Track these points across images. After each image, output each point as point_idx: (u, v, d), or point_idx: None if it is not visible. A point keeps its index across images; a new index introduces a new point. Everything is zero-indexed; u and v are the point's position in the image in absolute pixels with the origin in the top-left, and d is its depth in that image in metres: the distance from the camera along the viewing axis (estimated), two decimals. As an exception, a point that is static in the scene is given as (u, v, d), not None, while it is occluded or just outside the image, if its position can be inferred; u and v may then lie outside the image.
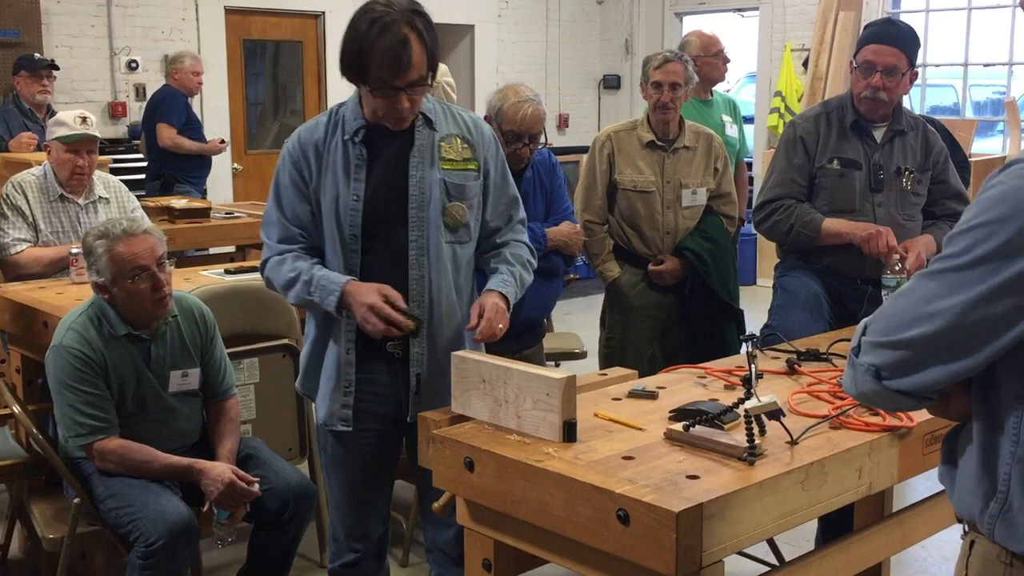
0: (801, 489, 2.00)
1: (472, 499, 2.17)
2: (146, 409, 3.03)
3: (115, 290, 2.97)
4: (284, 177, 2.59)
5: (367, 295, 2.44)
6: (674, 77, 3.95)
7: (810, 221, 3.36)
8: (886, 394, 1.54)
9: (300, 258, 2.57)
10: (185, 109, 6.84)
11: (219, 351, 3.19)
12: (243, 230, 5.56)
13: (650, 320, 4.09)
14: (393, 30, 2.39)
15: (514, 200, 2.75)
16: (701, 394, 2.46)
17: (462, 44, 9.79)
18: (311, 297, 2.52)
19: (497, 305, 2.51)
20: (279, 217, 2.60)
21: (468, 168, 2.63)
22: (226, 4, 8.24)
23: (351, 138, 2.55)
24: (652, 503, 1.79)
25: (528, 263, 2.72)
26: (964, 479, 1.57)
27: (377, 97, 2.46)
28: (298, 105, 9.00)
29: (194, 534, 2.89)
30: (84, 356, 2.93)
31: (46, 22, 7.28)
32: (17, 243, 4.09)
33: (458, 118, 2.66)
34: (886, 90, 3.29)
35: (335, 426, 2.63)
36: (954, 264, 1.44)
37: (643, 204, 4.00)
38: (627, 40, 10.50)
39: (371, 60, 2.41)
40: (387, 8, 2.41)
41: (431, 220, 2.56)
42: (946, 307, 1.43)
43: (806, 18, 9.12)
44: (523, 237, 2.76)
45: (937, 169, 3.45)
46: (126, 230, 3.00)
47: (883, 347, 1.51)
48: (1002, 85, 8.89)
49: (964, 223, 1.45)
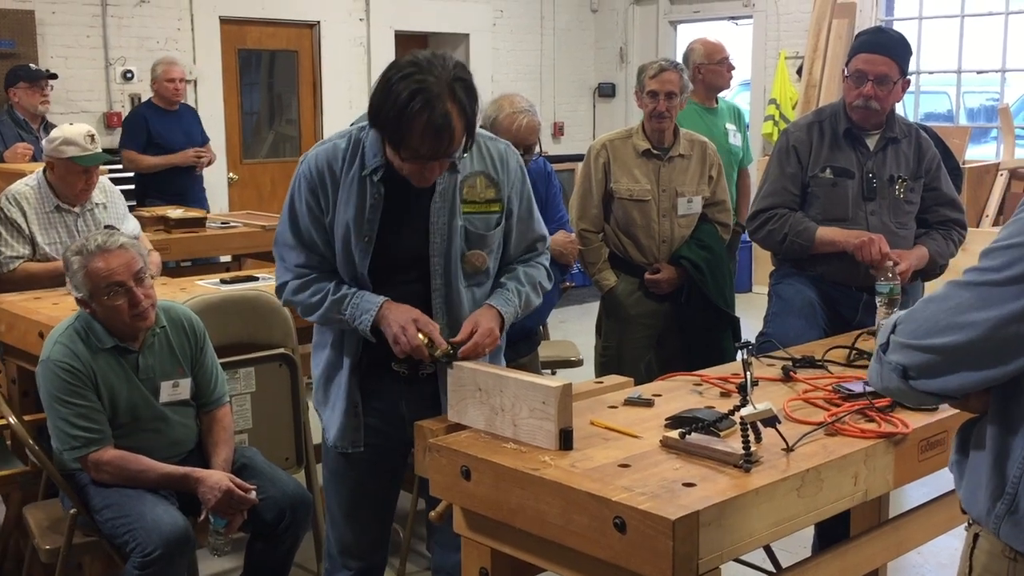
0: (797, 496, 2.00)
1: (469, 508, 2.18)
2: (139, 420, 3.02)
3: (94, 305, 2.96)
4: (300, 203, 2.49)
5: (402, 317, 2.40)
6: (670, 86, 3.96)
7: (804, 230, 3.37)
8: (911, 393, 1.59)
9: (322, 279, 2.50)
10: (145, 127, 6.45)
11: (210, 360, 3.18)
12: (239, 240, 5.56)
13: (646, 328, 4.10)
14: (436, 107, 2.23)
15: (539, 233, 2.67)
16: (697, 401, 2.46)
17: (457, 53, 9.78)
18: (342, 316, 2.46)
19: (491, 330, 2.44)
20: (296, 242, 2.51)
21: (491, 210, 2.53)
22: (221, 14, 8.25)
23: (369, 175, 2.44)
24: (648, 511, 1.80)
25: (539, 286, 2.64)
26: (973, 474, 1.59)
27: (407, 162, 2.34)
28: (293, 114, 9.01)
29: (190, 544, 2.89)
30: (73, 369, 2.92)
31: (41, 32, 7.28)
32: (10, 261, 4.04)
33: (483, 151, 2.53)
34: (878, 99, 3.30)
35: (345, 449, 2.60)
36: (990, 279, 1.47)
37: (639, 213, 4.01)
38: (622, 48, 10.53)
39: (410, 135, 2.26)
40: (429, 75, 2.24)
41: (452, 269, 2.50)
42: (980, 319, 1.47)
43: (800, 26, 9.15)
44: (543, 260, 2.68)
45: (930, 176, 3.46)
46: (101, 245, 2.96)
47: (913, 349, 1.55)
48: (995, 92, 8.92)
49: (1003, 240, 1.49)
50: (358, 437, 2.59)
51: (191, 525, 2.90)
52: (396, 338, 2.39)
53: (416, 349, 2.38)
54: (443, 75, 2.25)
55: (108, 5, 7.64)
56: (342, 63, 8.95)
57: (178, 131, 6.59)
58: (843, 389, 2.46)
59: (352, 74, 9.01)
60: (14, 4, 7.18)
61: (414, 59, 2.29)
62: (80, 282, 2.95)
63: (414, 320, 2.40)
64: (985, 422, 1.58)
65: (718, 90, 5.14)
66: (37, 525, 3.13)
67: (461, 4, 9.65)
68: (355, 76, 9.01)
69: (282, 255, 2.55)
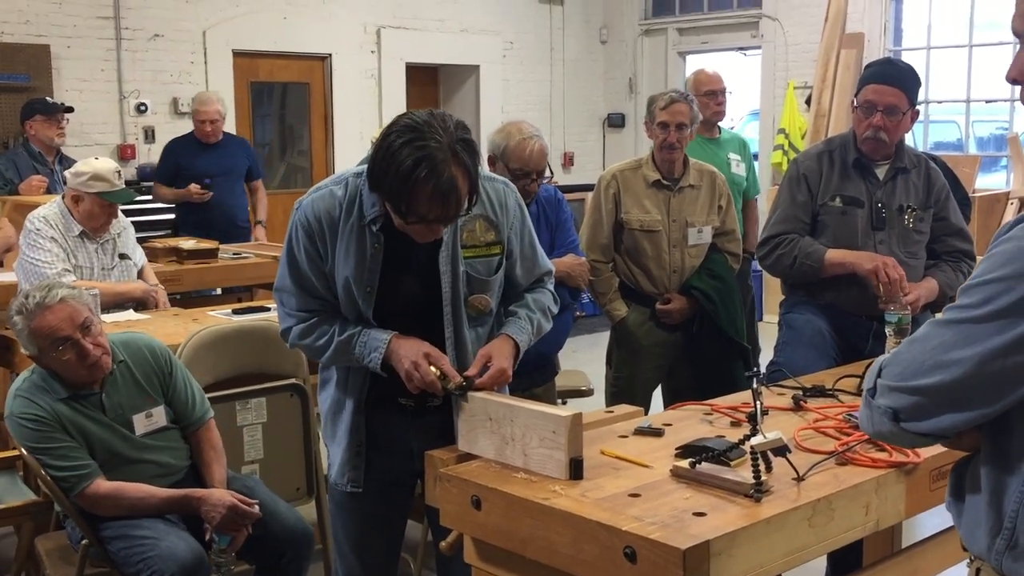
0: (808, 526, 2.00)
1: (479, 537, 2.17)
2: (118, 456, 3.00)
3: (45, 360, 2.96)
4: (299, 251, 2.45)
5: (412, 352, 2.38)
6: (680, 117, 3.98)
7: (813, 252, 3.37)
8: (904, 435, 1.58)
9: (325, 321, 2.48)
10: (174, 160, 6.44)
11: (182, 381, 3.15)
12: (251, 271, 5.59)
13: (657, 358, 4.10)
14: (442, 173, 2.19)
15: (545, 268, 2.67)
16: (707, 431, 2.46)
17: (467, 84, 9.89)
18: (354, 353, 2.44)
19: (506, 362, 2.42)
20: (296, 288, 2.48)
21: (492, 253, 2.51)
22: (234, 47, 8.33)
23: (368, 224, 2.41)
24: (659, 540, 1.79)
25: (548, 310, 2.64)
26: (971, 512, 1.59)
27: (411, 224, 2.31)
28: (305, 146, 9.08)
29: (204, 569, 2.88)
30: (36, 417, 2.91)
31: (56, 66, 7.37)
32: (64, 274, 4.07)
33: (481, 193, 2.45)
34: (886, 130, 3.32)
35: (345, 488, 2.59)
36: (971, 315, 1.47)
37: (649, 243, 4.02)
38: (631, 79, 10.59)
39: (416, 202, 2.23)
40: (431, 140, 2.20)
41: (459, 314, 2.48)
42: (964, 357, 1.46)
43: (808, 56, 9.19)
44: (548, 286, 2.68)
45: (939, 206, 3.47)
46: (40, 303, 2.93)
47: (900, 391, 1.54)
48: (1005, 121, 8.93)
49: (980, 276, 1.48)
50: (358, 476, 2.58)
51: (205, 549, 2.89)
52: (409, 374, 2.37)
53: (430, 384, 2.36)
54: (445, 139, 2.22)
55: (123, 39, 7.73)
56: (353, 95, 9.03)
57: (214, 164, 6.43)
58: (854, 418, 2.46)
59: (363, 106, 9.09)
60: (30, 39, 7.28)
61: (413, 123, 2.24)
62: (27, 341, 2.95)
63: (425, 354, 2.38)
64: (978, 460, 1.58)
65: (708, 122, 5.09)
66: (48, 556, 3.13)
67: (471, 36, 9.73)
68: (366, 108, 9.09)
69: (283, 300, 2.53)
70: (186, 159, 6.45)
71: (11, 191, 5.72)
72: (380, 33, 9.15)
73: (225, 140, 6.59)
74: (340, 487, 2.61)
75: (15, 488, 3.55)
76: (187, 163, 6.43)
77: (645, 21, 10.54)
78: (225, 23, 8.26)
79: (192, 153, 6.46)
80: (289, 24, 8.60)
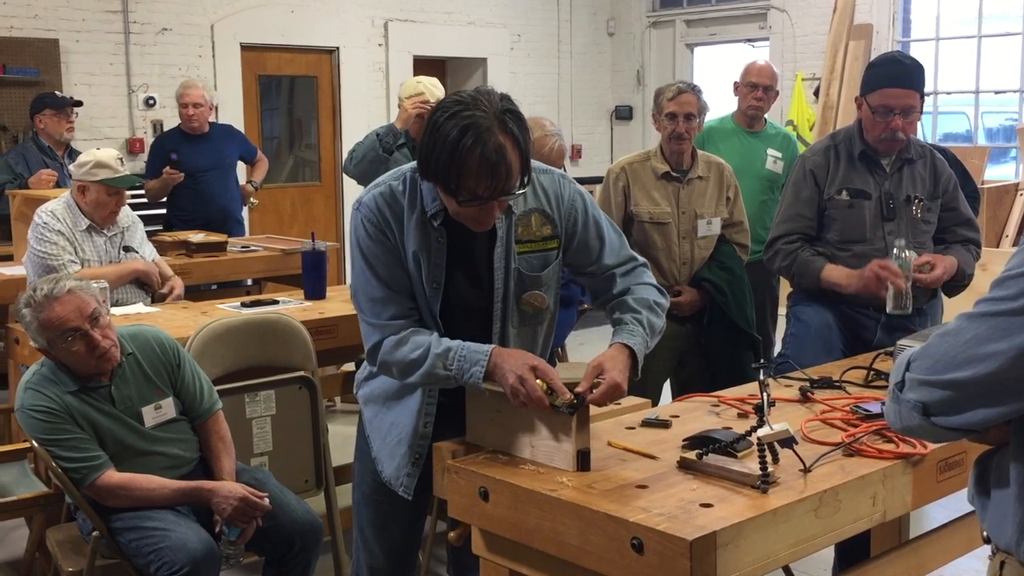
0: (815, 517, 2.00)
1: (487, 529, 2.18)
2: (129, 448, 3.01)
3: (55, 353, 2.97)
4: (375, 248, 2.31)
5: (518, 365, 2.19)
6: (688, 107, 3.97)
7: (807, 272, 3.42)
8: (933, 429, 1.56)
9: (418, 332, 2.31)
10: (162, 155, 6.18)
11: (190, 373, 3.16)
12: (259, 263, 5.60)
13: (668, 351, 4.09)
14: (488, 140, 2.11)
15: (622, 241, 2.52)
16: (714, 422, 2.46)
17: (475, 77, 9.88)
18: (448, 371, 2.26)
19: (620, 375, 2.23)
20: (383, 291, 2.32)
21: (548, 248, 2.41)
22: (242, 41, 8.35)
23: (430, 218, 2.31)
24: (666, 531, 1.80)
25: (656, 304, 2.45)
26: (998, 505, 1.58)
27: (464, 206, 2.20)
28: (313, 139, 9.09)
29: (216, 560, 2.89)
30: (46, 410, 2.92)
31: (65, 60, 7.40)
32: (70, 265, 4.09)
33: (536, 186, 2.38)
34: (904, 129, 3.32)
35: (396, 490, 2.51)
36: (1007, 308, 1.45)
37: (659, 235, 4.02)
38: (639, 71, 10.58)
39: (465, 174, 2.13)
40: (476, 110, 2.13)
41: (509, 313, 2.40)
42: (1000, 350, 1.44)
43: (816, 48, 9.17)
44: (644, 278, 2.51)
45: (947, 196, 3.47)
46: (48, 295, 2.93)
47: (931, 385, 1.52)
48: (1014, 112, 8.90)
49: (1013, 268, 1.47)
50: (411, 484, 2.49)
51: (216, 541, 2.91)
52: (514, 390, 2.17)
53: (537, 400, 2.15)
54: (491, 108, 2.15)
55: (131, 33, 7.76)
56: (361, 88, 9.04)
57: (204, 155, 6.28)
58: (861, 410, 2.46)
59: (371, 99, 9.10)
60: (39, 33, 7.30)
61: (459, 97, 2.18)
62: (35, 333, 2.96)
63: (532, 367, 2.19)
64: (1006, 453, 1.56)
65: (746, 114, 5.01)
66: (59, 547, 3.15)
67: (479, 28, 9.73)
68: (374, 101, 9.10)
69: (370, 311, 2.34)
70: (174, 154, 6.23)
71: (21, 185, 5.75)
72: (388, 26, 9.15)
73: (212, 132, 6.42)
74: (390, 487, 2.52)
75: (26, 480, 3.57)
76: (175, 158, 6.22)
77: (653, 13, 10.53)
78: (233, 17, 8.28)
79: (179, 146, 6.25)
80: (297, 17, 8.61)
